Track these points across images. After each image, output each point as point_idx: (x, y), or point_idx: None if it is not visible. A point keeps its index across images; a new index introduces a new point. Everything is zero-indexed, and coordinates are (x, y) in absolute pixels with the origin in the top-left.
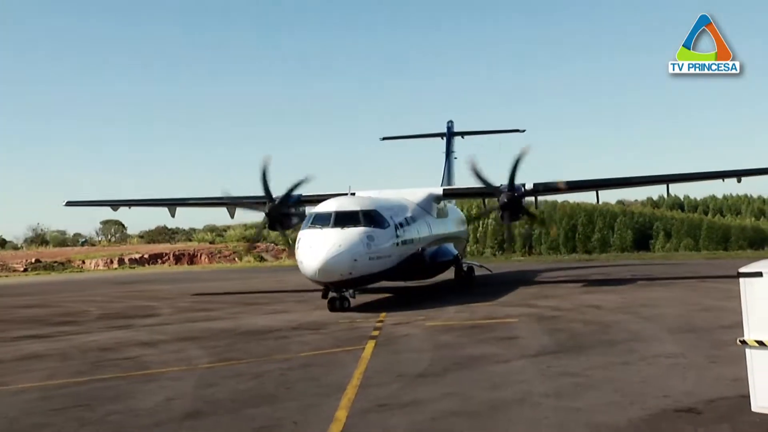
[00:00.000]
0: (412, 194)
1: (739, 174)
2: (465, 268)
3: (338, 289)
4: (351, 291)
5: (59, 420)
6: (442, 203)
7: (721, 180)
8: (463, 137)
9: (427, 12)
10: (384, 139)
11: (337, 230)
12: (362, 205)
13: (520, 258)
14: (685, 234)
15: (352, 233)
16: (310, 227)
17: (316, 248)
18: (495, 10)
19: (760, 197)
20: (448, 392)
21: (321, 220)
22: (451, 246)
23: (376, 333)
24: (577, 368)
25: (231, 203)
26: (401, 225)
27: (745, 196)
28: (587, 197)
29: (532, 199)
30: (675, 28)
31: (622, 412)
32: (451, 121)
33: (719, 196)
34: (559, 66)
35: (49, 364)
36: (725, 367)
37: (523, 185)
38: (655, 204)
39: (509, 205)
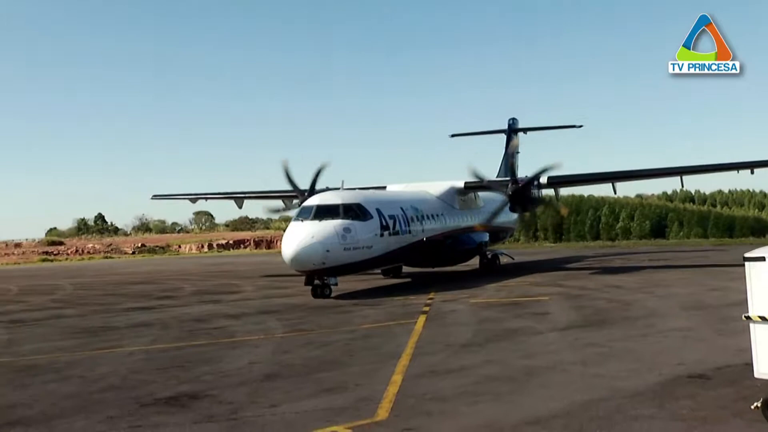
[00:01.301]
0: (434, 188)
1: (752, 165)
2: (489, 256)
3: (320, 277)
4: (333, 279)
5: (161, 378)
6: (471, 194)
7: (736, 171)
8: (525, 133)
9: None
10: (453, 136)
11: (315, 223)
12: (345, 199)
13: (551, 244)
14: (695, 224)
15: (327, 226)
16: (295, 220)
17: (293, 239)
18: (493, 10)
19: (761, 191)
20: (488, 360)
21: (304, 213)
22: (475, 235)
23: (426, 309)
24: (601, 340)
25: (276, 196)
26: (392, 217)
27: (748, 190)
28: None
29: (551, 191)
30: (675, 28)
31: (641, 378)
32: (512, 118)
33: (725, 190)
34: (560, 66)
35: (153, 332)
36: (731, 339)
37: (536, 178)
38: (669, 198)
39: (514, 195)
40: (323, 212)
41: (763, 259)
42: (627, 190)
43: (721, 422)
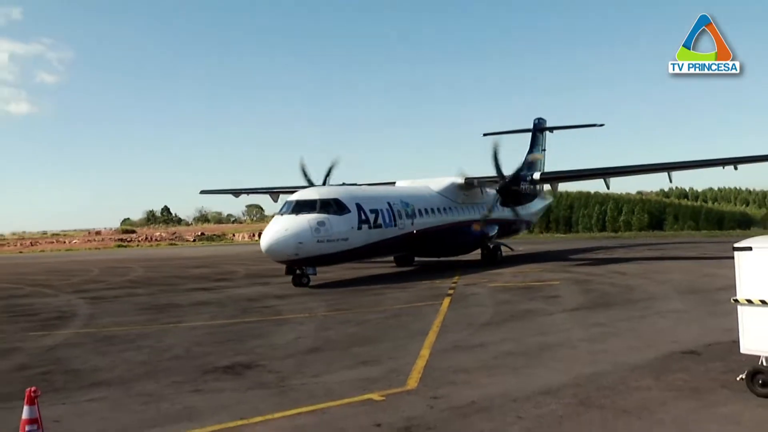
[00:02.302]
0: (436, 183)
1: (735, 161)
2: (491, 247)
3: (299, 267)
4: (310, 269)
5: (219, 349)
6: (477, 189)
7: (721, 167)
8: (552, 131)
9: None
10: (486, 135)
11: (292, 217)
12: (323, 194)
13: (562, 235)
14: (689, 217)
15: (302, 220)
16: (277, 214)
17: (270, 232)
18: (493, 10)
19: (746, 189)
20: (506, 337)
21: (286, 208)
22: (476, 228)
23: (451, 291)
24: (606, 320)
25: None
26: (374, 211)
27: (735, 188)
28: (615, 188)
29: (549, 186)
30: (675, 28)
31: (640, 353)
32: (538, 118)
33: (715, 188)
34: (559, 65)
35: (211, 309)
36: (720, 319)
37: (530, 174)
38: (666, 194)
39: (501, 191)
40: (301, 207)
41: (749, 249)
42: (629, 187)
43: (711, 392)
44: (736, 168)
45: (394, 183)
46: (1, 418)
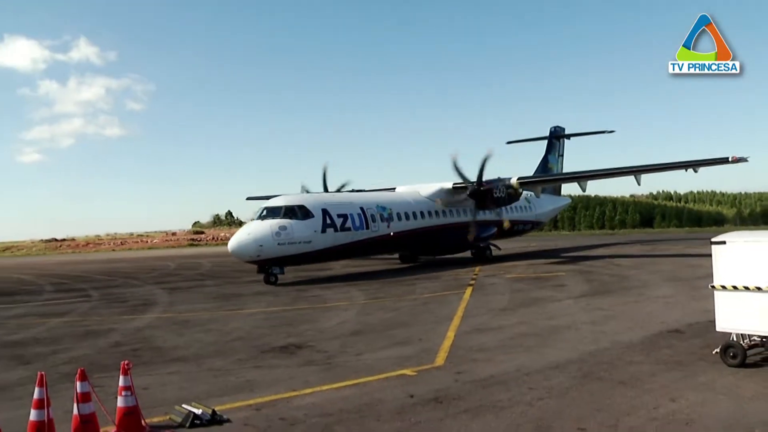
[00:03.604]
0: (426, 189)
1: (695, 164)
2: (480, 246)
3: (268, 266)
4: (276, 269)
5: (275, 332)
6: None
7: (684, 170)
8: (569, 138)
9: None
10: (509, 143)
11: (258, 222)
12: (289, 201)
13: (566, 233)
14: (674, 216)
15: (264, 224)
16: (250, 220)
17: (236, 236)
18: (493, 11)
19: (720, 192)
20: (520, 321)
21: (257, 214)
22: (464, 229)
23: (472, 282)
24: (605, 305)
25: None
26: (342, 216)
27: (711, 191)
28: (611, 191)
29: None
30: (675, 28)
31: (633, 333)
32: (554, 126)
33: (695, 191)
34: (558, 64)
35: (267, 298)
36: (700, 302)
37: (509, 179)
38: (654, 197)
39: (473, 195)
40: (268, 213)
41: (724, 243)
42: (623, 190)
43: (691, 364)
44: (696, 171)
45: (394, 189)
46: (103, 384)
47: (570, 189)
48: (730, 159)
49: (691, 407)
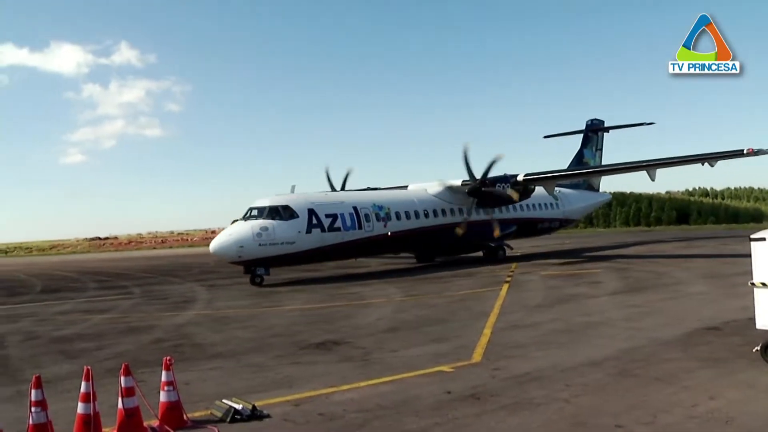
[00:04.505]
0: (433, 186)
1: (709, 158)
2: (492, 246)
3: (254, 267)
4: (260, 269)
5: (311, 328)
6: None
7: (701, 164)
8: (608, 131)
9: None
10: (546, 137)
11: (240, 223)
12: (273, 202)
13: (602, 230)
14: (710, 213)
15: (246, 225)
16: (235, 220)
17: (218, 236)
18: (494, 13)
19: (758, 188)
20: (555, 317)
21: (243, 215)
22: (475, 228)
23: (509, 279)
24: (640, 301)
25: None
26: (330, 216)
27: (749, 187)
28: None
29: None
30: (675, 28)
31: (670, 330)
32: (591, 119)
33: (732, 187)
34: (559, 63)
35: (304, 295)
36: (738, 300)
37: (514, 176)
38: (690, 193)
39: (474, 193)
40: (253, 214)
41: (764, 239)
42: (658, 186)
43: (730, 362)
44: (712, 165)
45: (407, 186)
46: (147, 379)
47: (607, 185)
48: (745, 151)
49: (730, 405)
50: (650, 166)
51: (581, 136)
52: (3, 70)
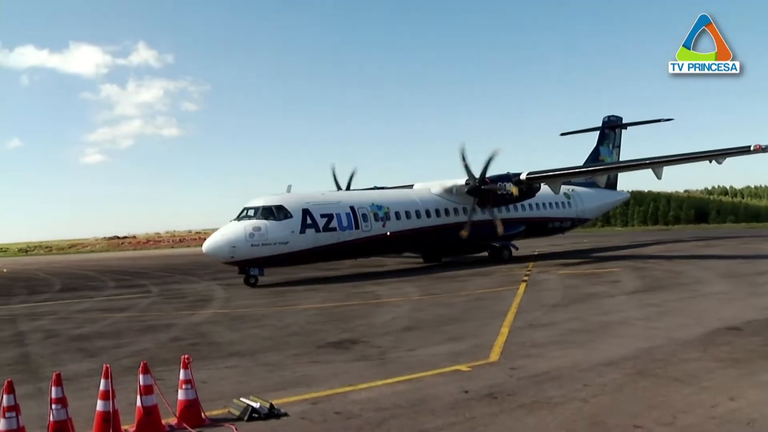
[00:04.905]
0: (437, 186)
1: (716, 155)
2: (497, 246)
3: (248, 267)
4: (254, 270)
5: (327, 327)
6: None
7: (708, 161)
8: (626, 128)
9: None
10: (562, 134)
11: (234, 223)
12: (267, 201)
13: (620, 229)
14: (729, 212)
15: (239, 225)
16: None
17: (212, 236)
18: (495, 13)
19: None
20: (573, 317)
21: (238, 215)
22: (480, 228)
23: (526, 278)
24: (659, 301)
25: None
26: (326, 216)
27: None
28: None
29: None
30: (675, 28)
31: (689, 330)
32: (608, 116)
33: (752, 186)
34: (559, 63)
35: (321, 294)
36: (759, 299)
37: (517, 175)
38: (709, 192)
39: (473, 191)
40: (247, 214)
41: None
42: (676, 185)
43: (751, 362)
44: (720, 162)
45: (412, 186)
46: (165, 377)
47: (625, 184)
48: (752, 148)
49: (752, 406)
50: (655, 164)
51: (598, 133)
52: (24, 72)
